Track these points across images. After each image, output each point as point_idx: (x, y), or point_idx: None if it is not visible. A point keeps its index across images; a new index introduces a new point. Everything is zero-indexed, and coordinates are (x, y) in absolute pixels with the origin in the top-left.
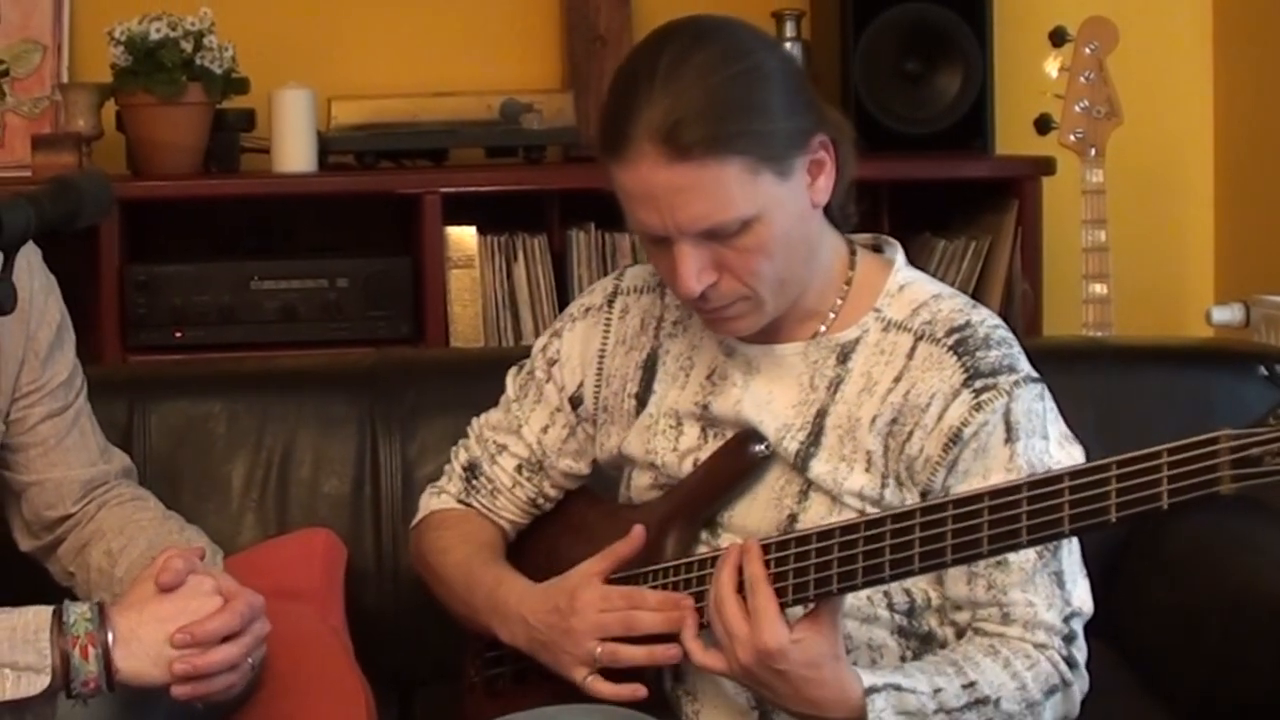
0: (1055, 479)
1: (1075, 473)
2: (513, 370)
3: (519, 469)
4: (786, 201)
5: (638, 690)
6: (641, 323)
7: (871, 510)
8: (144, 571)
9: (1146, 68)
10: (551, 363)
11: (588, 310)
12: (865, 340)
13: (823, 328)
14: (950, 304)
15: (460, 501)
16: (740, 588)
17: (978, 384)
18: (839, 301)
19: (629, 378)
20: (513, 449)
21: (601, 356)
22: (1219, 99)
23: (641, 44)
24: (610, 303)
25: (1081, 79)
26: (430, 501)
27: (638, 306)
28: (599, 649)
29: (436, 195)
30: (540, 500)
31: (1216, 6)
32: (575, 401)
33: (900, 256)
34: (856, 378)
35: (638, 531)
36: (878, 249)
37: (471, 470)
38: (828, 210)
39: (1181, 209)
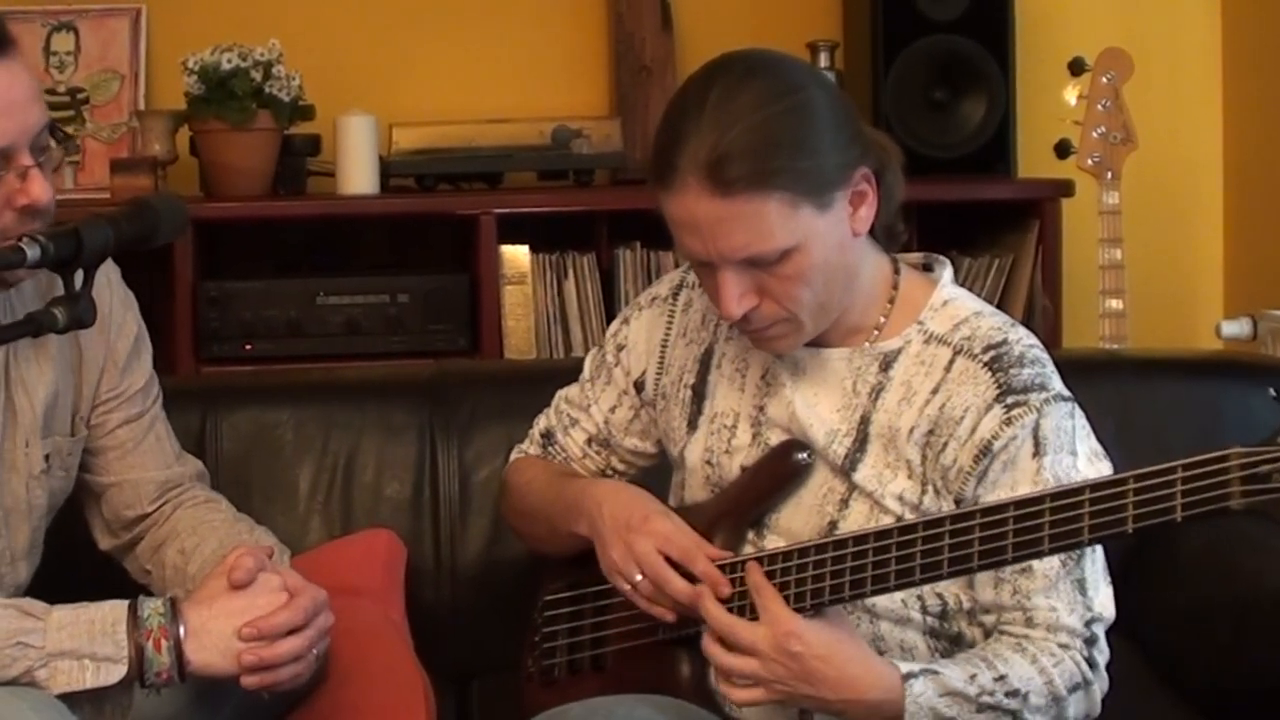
0: (1076, 491)
1: (1095, 485)
2: (592, 351)
3: (588, 442)
4: (826, 232)
5: (665, 614)
6: (703, 317)
7: (910, 515)
8: (215, 568)
9: (1160, 96)
10: (620, 348)
11: (654, 300)
12: (907, 351)
13: (868, 343)
14: (990, 321)
15: None
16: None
17: (1009, 400)
18: (883, 319)
19: (686, 369)
20: (583, 424)
21: (664, 346)
22: (1228, 125)
23: (693, 77)
24: (675, 295)
25: (1099, 106)
26: (515, 457)
27: (701, 301)
28: (639, 577)
29: (491, 216)
30: (609, 471)
31: (1225, 38)
32: (639, 386)
33: (946, 273)
34: (897, 386)
35: (719, 553)
36: (928, 267)
37: (548, 437)
38: (873, 231)
39: (1193, 228)
